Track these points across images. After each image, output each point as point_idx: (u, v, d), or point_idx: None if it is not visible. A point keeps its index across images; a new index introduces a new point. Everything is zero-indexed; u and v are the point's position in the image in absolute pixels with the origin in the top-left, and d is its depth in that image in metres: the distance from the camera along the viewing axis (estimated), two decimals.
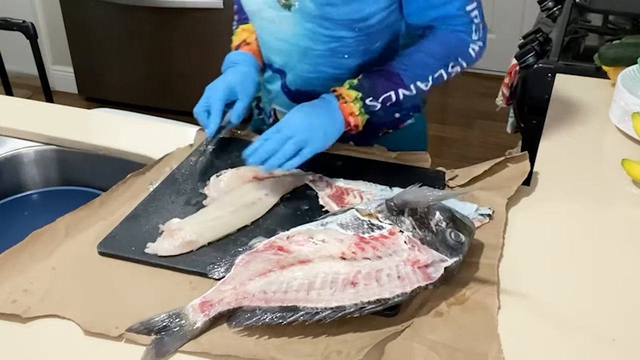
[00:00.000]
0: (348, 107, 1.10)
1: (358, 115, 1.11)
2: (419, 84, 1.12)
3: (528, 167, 1.13)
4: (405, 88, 1.11)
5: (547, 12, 2.15)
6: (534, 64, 1.75)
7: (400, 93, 1.11)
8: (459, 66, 1.15)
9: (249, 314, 0.84)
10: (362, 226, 0.92)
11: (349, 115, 1.10)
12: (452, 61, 1.13)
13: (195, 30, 3.15)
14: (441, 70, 1.13)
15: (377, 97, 1.10)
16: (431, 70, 1.12)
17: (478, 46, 1.15)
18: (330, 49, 1.14)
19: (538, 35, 1.92)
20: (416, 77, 1.11)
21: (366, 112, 1.11)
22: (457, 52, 1.14)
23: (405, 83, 1.11)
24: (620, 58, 1.46)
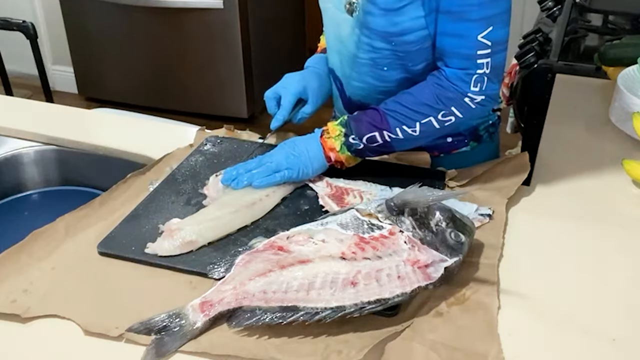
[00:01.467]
0: (330, 142, 1.10)
1: (339, 152, 1.10)
2: (405, 129, 1.06)
3: (528, 167, 1.13)
4: (390, 131, 1.07)
5: (547, 12, 2.15)
6: (534, 64, 1.75)
7: (386, 135, 1.07)
8: (453, 117, 1.06)
9: (249, 314, 0.84)
10: (362, 226, 0.92)
11: (329, 150, 1.10)
12: (444, 110, 1.05)
13: (195, 30, 3.15)
14: (430, 118, 1.06)
15: (360, 136, 1.08)
16: (419, 116, 1.06)
17: (480, 98, 1.05)
18: (371, 58, 1.12)
19: (538, 35, 1.91)
20: (402, 122, 1.06)
21: (349, 150, 1.09)
22: (451, 102, 1.05)
23: (391, 126, 1.07)
24: (620, 58, 1.46)
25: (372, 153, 1.11)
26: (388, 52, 1.10)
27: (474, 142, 1.26)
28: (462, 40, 1.02)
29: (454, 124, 1.07)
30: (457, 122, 1.07)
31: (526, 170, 1.12)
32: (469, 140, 1.25)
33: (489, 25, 1.00)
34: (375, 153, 1.11)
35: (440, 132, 1.08)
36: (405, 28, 1.05)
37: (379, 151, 1.11)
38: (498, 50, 1.03)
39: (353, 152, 1.10)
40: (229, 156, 1.22)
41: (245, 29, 3.09)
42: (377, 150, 1.10)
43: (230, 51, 3.12)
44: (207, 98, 3.21)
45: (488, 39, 1.01)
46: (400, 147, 1.11)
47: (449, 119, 1.06)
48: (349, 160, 1.12)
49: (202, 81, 3.22)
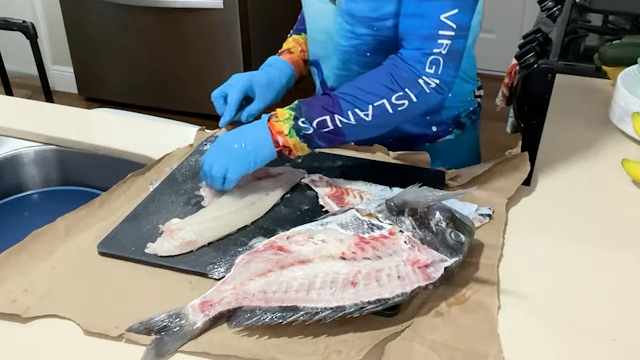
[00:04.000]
0: (278, 125, 1.04)
1: (287, 135, 1.03)
2: (357, 112, 1.01)
3: (528, 167, 1.13)
4: (342, 115, 1.01)
5: (547, 12, 2.14)
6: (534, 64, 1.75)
7: (337, 119, 1.01)
8: (407, 100, 1.01)
9: (249, 314, 0.84)
10: (362, 226, 0.92)
11: (277, 133, 1.04)
12: (398, 92, 1.01)
13: (195, 30, 3.15)
14: (384, 101, 1.01)
15: (311, 120, 1.02)
16: (372, 97, 1.01)
17: (434, 83, 1.01)
18: (354, 45, 1.14)
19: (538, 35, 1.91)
20: (355, 105, 1.01)
21: (298, 135, 1.03)
22: (405, 82, 1.00)
23: (343, 109, 1.01)
24: (620, 58, 1.46)
25: (322, 141, 1.04)
26: (370, 38, 1.11)
27: (458, 130, 1.29)
28: (423, 21, 1.00)
29: (408, 110, 1.02)
30: (411, 107, 1.01)
31: (526, 170, 1.12)
32: (452, 129, 1.28)
33: (454, 7, 0.98)
34: (325, 141, 1.04)
35: (393, 118, 1.02)
36: (386, 13, 1.07)
37: (329, 139, 1.04)
38: (460, 35, 1.00)
39: (302, 138, 1.03)
40: None
41: (245, 29, 3.10)
42: (327, 137, 1.03)
43: (230, 51, 3.12)
44: (207, 98, 3.19)
45: (452, 21, 0.98)
46: (351, 136, 1.04)
47: (403, 103, 1.01)
48: (297, 146, 1.04)
49: (202, 81, 3.22)
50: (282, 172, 1.14)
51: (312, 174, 1.15)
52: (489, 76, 3.82)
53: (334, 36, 1.15)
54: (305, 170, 1.16)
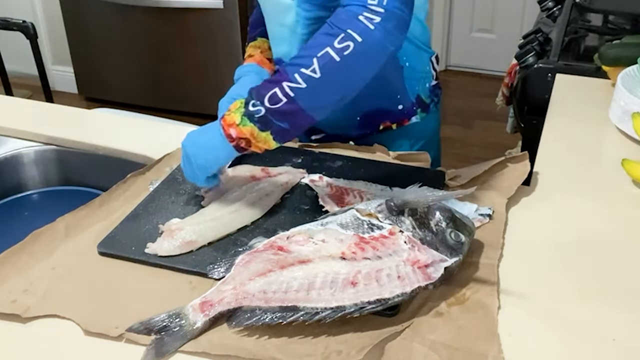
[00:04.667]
0: (229, 118, 0.97)
1: (240, 125, 0.95)
2: (303, 71, 0.92)
3: (528, 167, 1.13)
4: (289, 80, 0.92)
5: (547, 12, 2.15)
6: (534, 64, 1.75)
7: (286, 87, 0.92)
8: (350, 41, 0.91)
9: (249, 314, 0.84)
10: (362, 226, 0.92)
11: (229, 126, 0.97)
12: (340, 34, 0.92)
13: (195, 30, 3.15)
14: (327, 49, 0.92)
15: (261, 99, 0.94)
16: (314, 51, 0.93)
17: (378, 17, 0.91)
18: (312, 32, 1.13)
19: (538, 35, 1.92)
20: (299, 64, 0.93)
21: (252, 120, 0.95)
22: (344, 24, 0.92)
23: (288, 74, 0.93)
24: (620, 58, 1.46)
25: (281, 120, 0.94)
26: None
27: (423, 112, 1.30)
28: None
29: (356, 54, 0.92)
30: (358, 49, 0.92)
31: (526, 170, 1.12)
32: (417, 108, 1.29)
33: None
34: (284, 119, 0.94)
35: (344, 68, 0.93)
36: None
37: (287, 115, 0.94)
38: None
39: (257, 123, 0.95)
40: None
41: (245, 29, 3.09)
42: (284, 113, 0.94)
43: (230, 51, 3.12)
44: (207, 98, 3.21)
45: None
46: (309, 105, 0.94)
47: (347, 45, 0.91)
48: (256, 135, 0.96)
49: (202, 81, 3.22)
50: (282, 172, 1.14)
51: (312, 174, 1.15)
52: (489, 76, 3.84)
53: (295, 28, 1.16)
54: (305, 170, 1.16)
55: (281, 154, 1.22)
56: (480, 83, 3.80)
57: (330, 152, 1.23)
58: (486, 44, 3.88)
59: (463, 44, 3.94)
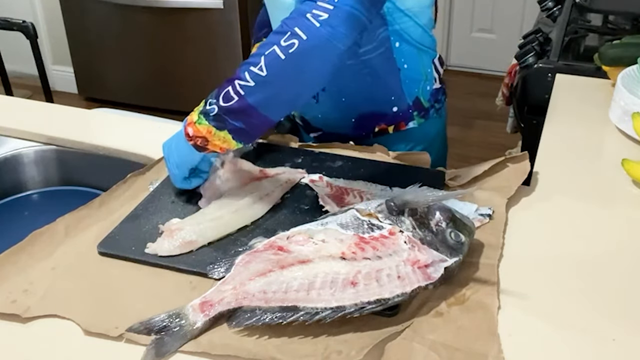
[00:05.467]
0: (190, 117, 0.99)
1: (197, 123, 0.97)
2: (252, 69, 0.93)
3: (528, 167, 1.13)
4: (240, 78, 0.94)
5: (547, 12, 2.15)
6: (534, 64, 1.75)
7: (237, 86, 0.94)
8: (295, 39, 0.91)
9: (249, 314, 0.84)
10: (362, 226, 0.92)
11: (188, 125, 0.99)
12: (286, 34, 0.92)
13: (195, 30, 3.15)
14: (273, 47, 0.92)
15: (217, 97, 0.96)
16: (263, 49, 0.94)
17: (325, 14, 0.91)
18: None
19: (538, 35, 1.92)
20: (249, 63, 0.94)
21: (207, 119, 0.97)
22: (292, 22, 0.93)
23: (239, 72, 0.94)
24: (620, 58, 1.46)
25: (235, 119, 0.95)
26: None
27: (421, 118, 1.29)
28: None
29: (301, 51, 0.91)
30: (303, 46, 0.91)
31: (526, 170, 1.12)
32: (413, 111, 1.28)
33: None
34: (237, 118, 0.95)
35: (288, 66, 0.92)
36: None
37: (240, 114, 0.95)
38: None
39: (212, 121, 0.96)
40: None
41: (245, 29, 3.10)
42: (236, 112, 0.94)
43: (230, 51, 3.12)
44: None
45: None
46: (259, 103, 0.94)
47: (292, 43, 0.91)
48: (213, 135, 0.97)
49: (202, 81, 3.22)
50: (282, 172, 1.14)
51: (312, 174, 1.15)
52: (489, 76, 3.84)
53: None
54: (305, 170, 1.16)
55: (281, 154, 1.22)
56: (480, 83, 3.80)
57: (330, 152, 1.23)
58: (486, 44, 3.89)
59: (463, 44, 3.94)
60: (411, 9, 1.18)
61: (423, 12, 1.21)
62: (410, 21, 1.20)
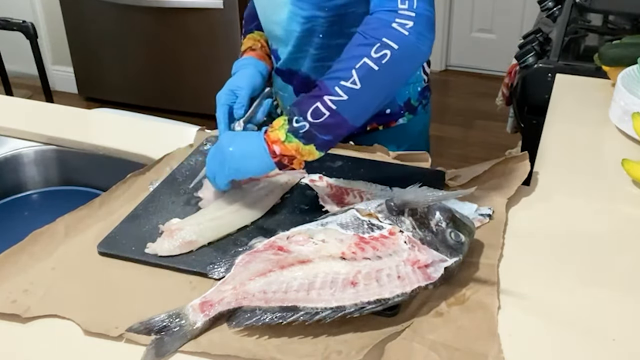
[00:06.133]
0: (274, 135, 0.96)
1: (285, 141, 0.96)
2: (343, 84, 0.93)
3: (528, 167, 1.13)
4: (331, 94, 0.93)
5: (547, 12, 2.15)
6: (534, 64, 1.75)
7: (328, 101, 0.93)
8: (387, 50, 0.92)
9: (249, 314, 0.84)
10: (362, 226, 0.92)
11: (272, 143, 0.96)
12: (375, 44, 0.92)
13: (195, 30, 3.15)
14: (364, 59, 0.92)
15: (304, 114, 0.95)
16: (352, 63, 0.93)
17: (410, 22, 0.93)
18: (307, 29, 1.16)
19: (538, 35, 1.92)
20: (339, 77, 0.94)
21: (297, 137, 0.95)
22: (378, 32, 0.93)
23: (329, 88, 0.94)
24: (620, 58, 1.46)
25: (325, 133, 0.95)
26: (322, 20, 1.14)
27: (410, 115, 1.31)
28: None
29: (394, 61, 0.93)
30: (396, 56, 0.92)
31: (526, 170, 1.12)
32: (404, 112, 1.29)
33: None
34: (328, 132, 0.95)
35: (383, 76, 0.94)
36: None
37: (331, 128, 0.95)
38: None
39: (302, 138, 0.95)
40: None
41: None
42: (327, 127, 0.95)
43: (231, 51, 3.12)
44: (207, 98, 3.20)
45: None
46: (351, 115, 0.95)
47: (384, 54, 0.92)
48: (301, 151, 0.96)
49: (202, 81, 3.22)
50: (282, 172, 1.14)
51: (312, 174, 1.15)
52: (489, 76, 3.84)
53: (287, 25, 1.17)
54: (305, 170, 1.16)
55: None
56: (480, 83, 3.80)
57: (330, 152, 1.23)
58: (486, 44, 3.88)
59: (463, 44, 3.94)
60: None
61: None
62: None
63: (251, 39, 1.33)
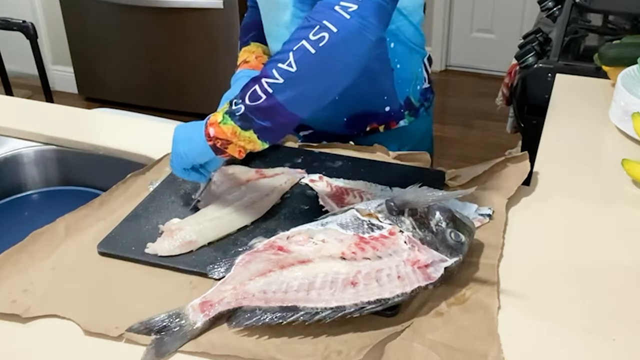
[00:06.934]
0: (214, 117, 0.95)
1: (220, 123, 0.93)
2: (280, 66, 0.90)
3: (528, 167, 1.13)
4: (267, 76, 0.91)
5: (547, 12, 2.15)
6: (534, 64, 1.75)
7: (264, 83, 0.90)
8: (325, 32, 0.88)
9: (249, 314, 0.84)
10: (362, 226, 0.92)
11: (210, 125, 0.94)
12: (314, 27, 0.89)
13: (195, 30, 3.15)
14: (302, 42, 0.89)
15: (242, 97, 0.92)
16: (291, 45, 0.91)
17: (354, 5, 0.88)
18: None
19: (538, 35, 1.92)
20: (277, 60, 0.91)
21: (233, 119, 0.93)
22: (320, 15, 0.90)
23: (267, 70, 0.91)
24: (620, 58, 1.46)
25: (262, 119, 0.92)
26: None
27: (411, 117, 1.31)
28: None
29: (332, 45, 0.89)
30: (334, 40, 0.88)
31: (526, 170, 1.12)
32: (404, 110, 1.29)
33: None
34: (265, 118, 0.92)
35: (319, 60, 0.90)
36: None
37: (268, 113, 0.91)
38: None
39: (238, 121, 0.92)
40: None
41: None
42: (264, 111, 0.91)
43: (230, 51, 3.12)
44: (206, 98, 3.21)
45: None
46: (288, 101, 0.91)
47: (322, 36, 0.88)
48: (238, 135, 0.93)
49: (202, 81, 3.22)
50: (281, 173, 1.14)
51: (312, 174, 1.15)
52: (489, 76, 3.84)
53: (291, 28, 1.17)
54: (305, 170, 1.16)
55: (281, 154, 1.22)
56: (480, 83, 3.80)
57: (330, 152, 1.23)
58: (486, 44, 3.89)
59: (463, 44, 3.94)
60: (406, 7, 1.20)
61: (416, 11, 1.23)
62: (404, 20, 1.21)
63: (246, 51, 1.32)
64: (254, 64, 1.27)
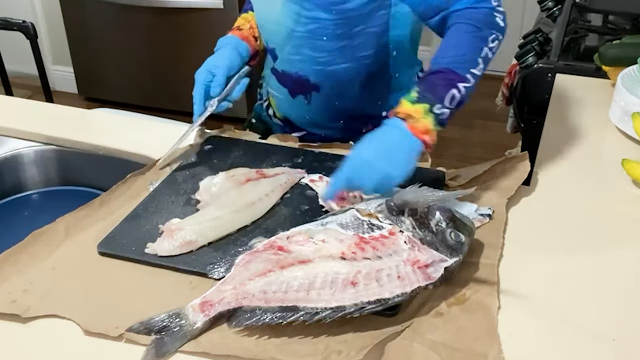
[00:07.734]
0: (420, 125, 0.98)
1: (434, 130, 0.99)
2: (472, 71, 1.03)
3: (528, 167, 1.13)
4: (463, 80, 1.01)
5: (547, 12, 2.15)
6: (534, 64, 1.75)
7: (461, 87, 1.01)
8: (497, 40, 1.07)
9: (249, 314, 0.84)
10: (362, 226, 0.92)
11: (423, 134, 0.98)
12: (491, 35, 1.06)
13: (195, 30, 3.15)
14: (485, 49, 1.05)
15: (443, 101, 0.99)
16: (477, 52, 1.04)
17: (501, 13, 1.08)
18: (310, 30, 1.16)
19: (538, 35, 1.92)
20: (468, 65, 1.03)
21: (439, 123, 0.99)
22: (489, 25, 1.06)
23: (461, 75, 1.01)
24: (620, 58, 1.46)
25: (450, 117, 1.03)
26: (329, 22, 1.14)
27: None
28: None
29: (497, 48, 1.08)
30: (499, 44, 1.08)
31: (526, 170, 1.12)
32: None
33: None
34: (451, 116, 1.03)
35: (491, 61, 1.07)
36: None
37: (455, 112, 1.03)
38: None
39: (439, 124, 1.00)
40: (229, 156, 1.22)
41: None
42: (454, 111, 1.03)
43: None
44: None
45: None
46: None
47: (496, 44, 1.07)
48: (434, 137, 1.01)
49: None
50: (282, 173, 1.14)
51: (312, 174, 1.15)
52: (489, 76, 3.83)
53: (286, 23, 1.17)
54: (305, 170, 1.16)
55: (281, 154, 1.22)
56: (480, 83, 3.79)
57: (330, 152, 1.23)
58: None
59: None
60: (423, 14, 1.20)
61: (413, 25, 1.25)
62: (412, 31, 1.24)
63: (243, 18, 1.33)
64: (245, 34, 1.29)
